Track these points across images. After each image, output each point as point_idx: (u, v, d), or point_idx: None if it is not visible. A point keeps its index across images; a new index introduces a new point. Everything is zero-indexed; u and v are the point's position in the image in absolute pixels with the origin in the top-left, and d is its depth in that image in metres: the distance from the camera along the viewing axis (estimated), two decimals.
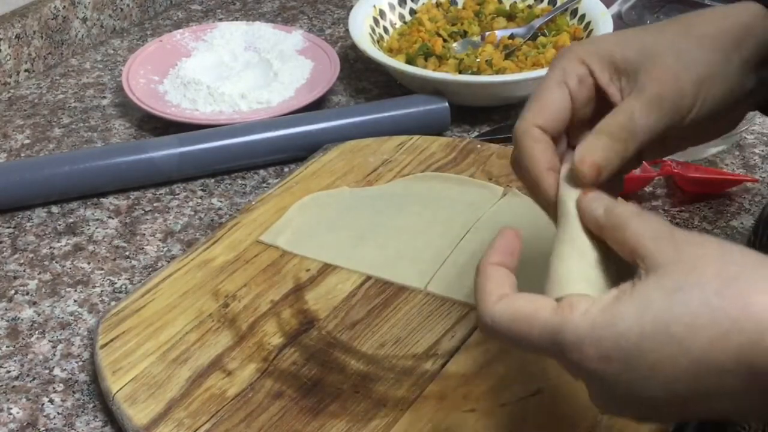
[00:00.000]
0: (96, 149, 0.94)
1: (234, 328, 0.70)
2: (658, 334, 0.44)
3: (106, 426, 0.67)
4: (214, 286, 0.75)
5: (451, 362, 0.67)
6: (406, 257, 0.76)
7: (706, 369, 0.44)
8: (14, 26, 1.04)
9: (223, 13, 1.22)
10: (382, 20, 1.06)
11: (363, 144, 0.91)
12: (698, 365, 0.44)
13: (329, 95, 1.03)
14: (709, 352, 0.44)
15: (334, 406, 0.64)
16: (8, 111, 1.03)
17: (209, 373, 0.67)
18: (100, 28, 1.14)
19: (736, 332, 0.43)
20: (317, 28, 1.17)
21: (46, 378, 0.70)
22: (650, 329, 0.44)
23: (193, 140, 0.90)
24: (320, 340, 0.69)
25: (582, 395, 0.63)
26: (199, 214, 0.87)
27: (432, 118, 0.94)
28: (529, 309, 0.48)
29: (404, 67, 0.96)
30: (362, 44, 1.00)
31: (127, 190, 0.90)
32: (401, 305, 0.72)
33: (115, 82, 1.07)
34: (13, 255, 0.82)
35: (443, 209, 0.81)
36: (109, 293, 0.78)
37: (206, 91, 0.99)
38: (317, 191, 0.84)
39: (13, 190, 0.87)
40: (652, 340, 0.44)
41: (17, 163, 0.92)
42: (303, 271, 0.76)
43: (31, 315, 0.76)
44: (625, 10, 1.27)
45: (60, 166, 0.88)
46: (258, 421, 0.63)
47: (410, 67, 0.96)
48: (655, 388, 0.45)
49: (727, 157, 0.91)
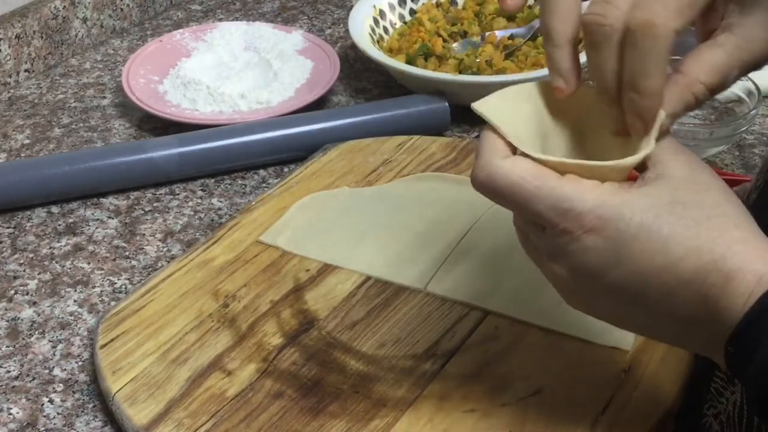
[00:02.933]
0: (96, 149, 0.94)
1: (234, 328, 0.70)
2: (653, 231, 0.48)
3: (106, 426, 0.67)
4: (214, 286, 0.75)
5: (451, 362, 0.67)
6: (406, 257, 0.76)
7: (673, 274, 0.48)
8: (14, 26, 1.04)
9: (223, 13, 1.22)
10: (382, 20, 1.06)
11: (363, 144, 0.91)
12: (668, 269, 0.48)
13: (329, 95, 1.03)
14: (681, 261, 0.48)
15: (334, 406, 0.64)
16: (8, 111, 1.03)
17: (209, 373, 0.67)
18: (100, 28, 1.14)
19: (711, 262, 0.47)
20: (317, 28, 1.17)
21: (45, 378, 0.70)
22: (648, 224, 0.48)
23: (193, 140, 0.90)
24: (320, 340, 0.69)
25: (582, 395, 0.63)
26: (199, 214, 0.87)
27: (432, 118, 0.94)
28: (540, 171, 0.50)
29: (404, 67, 0.96)
30: (362, 44, 1.00)
31: (127, 190, 0.90)
32: (401, 305, 0.72)
33: (115, 82, 1.07)
34: (13, 255, 0.82)
35: (443, 209, 0.81)
36: (109, 293, 0.78)
37: (206, 91, 0.99)
38: (317, 191, 0.84)
39: (13, 190, 0.87)
40: (647, 232, 0.48)
41: (17, 163, 0.92)
42: (303, 271, 0.76)
43: (31, 315, 0.76)
44: None
45: (60, 166, 0.88)
46: (258, 421, 0.63)
47: (410, 67, 0.96)
48: (626, 274, 0.49)
49: (727, 157, 0.91)
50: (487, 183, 0.51)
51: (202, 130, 0.92)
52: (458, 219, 0.79)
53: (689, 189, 0.49)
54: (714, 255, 0.47)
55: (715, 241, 0.48)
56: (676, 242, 0.48)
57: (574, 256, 0.50)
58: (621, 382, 0.64)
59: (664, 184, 0.49)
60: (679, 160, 0.50)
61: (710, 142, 0.89)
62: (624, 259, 0.48)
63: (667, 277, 0.48)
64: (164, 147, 0.90)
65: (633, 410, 0.62)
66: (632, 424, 0.61)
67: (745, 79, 0.93)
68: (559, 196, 0.49)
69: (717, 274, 0.47)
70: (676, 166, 0.50)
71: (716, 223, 0.48)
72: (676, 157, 0.50)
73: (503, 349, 0.68)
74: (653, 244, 0.48)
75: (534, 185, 0.50)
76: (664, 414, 0.62)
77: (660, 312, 0.50)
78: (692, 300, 0.48)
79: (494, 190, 0.51)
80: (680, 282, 0.48)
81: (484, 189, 0.52)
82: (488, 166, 0.51)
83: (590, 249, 0.49)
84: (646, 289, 0.49)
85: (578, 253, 0.50)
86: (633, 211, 0.48)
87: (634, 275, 0.49)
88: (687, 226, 0.48)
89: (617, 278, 0.49)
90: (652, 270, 0.48)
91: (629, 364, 0.66)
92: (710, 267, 0.47)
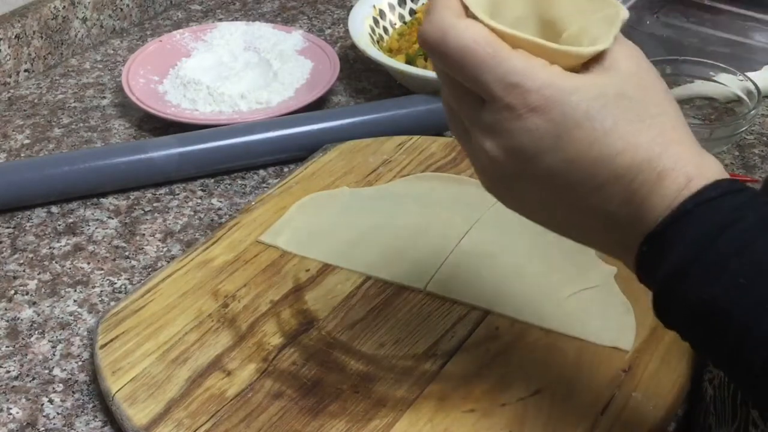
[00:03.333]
0: (95, 149, 0.93)
1: (234, 329, 0.70)
2: (597, 120, 0.47)
3: (106, 426, 0.66)
4: (213, 286, 0.75)
5: (451, 362, 0.67)
6: (406, 257, 0.76)
7: (607, 166, 0.47)
8: (14, 26, 1.04)
9: (223, 13, 1.22)
10: (382, 20, 1.06)
11: (363, 144, 0.91)
12: (604, 160, 0.47)
13: (329, 95, 1.03)
14: (618, 155, 0.47)
15: (333, 406, 0.64)
16: (8, 111, 1.03)
17: (209, 373, 0.67)
18: (100, 28, 1.14)
19: (647, 160, 0.47)
20: (317, 28, 1.17)
21: (45, 378, 0.70)
22: (593, 113, 0.47)
23: (193, 140, 0.90)
24: (320, 340, 0.69)
25: (582, 395, 0.63)
26: (199, 214, 0.87)
27: (432, 118, 0.94)
28: (494, 39, 0.48)
29: (404, 67, 0.96)
30: (362, 44, 1.00)
31: (127, 190, 0.90)
32: (401, 305, 0.72)
33: (115, 82, 1.07)
34: (13, 255, 0.82)
35: (443, 209, 0.81)
36: (109, 293, 0.78)
37: (206, 91, 0.99)
38: (317, 191, 0.84)
39: (12, 191, 0.87)
40: (590, 121, 0.47)
41: (16, 163, 0.92)
42: (303, 271, 0.76)
43: (31, 315, 0.76)
44: None
45: (59, 166, 0.88)
46: (258, 421, 0.63)
47: (410, 67, 0.96)
48: (560, 160, 0.48)
49: (727, 157, 0.91)
50: (438, 42, 0.49)
51: (202, 131, 0.92)
52: (458, 219, 0.79)
53: (636, 84, 0.49)
54: (651, 153, 0.47)
55: (654, 139, 0.47)
56: (618, 136, 0.47)
57: (512, 135, 0.48)
58: (621, 382, 0.64)
59: (613, 77, 0.49)
60: (627, 54, 0.50)
61: (710, 142, 0.89)
62: (562, 144, 0.48)
63: (600, 169, 0.47)
64: (164, 147, 0.89)
65: (633, 410, 0.62)
66: (632, 424, 0.61)
67: (745, 79, 0.93)
68: (509, 68, 0.48)
69: (650, 173, 0.47)
70: (623, 61, 0.49)
71: (657, 122, 0.48)
72: (623, 51, 0.50)
73: (503, 349, 0.68)
74: (595, 134, 0.47)
75: (486, 51, 0.48)
76: (665, 414, 0.62)
77: (583, 206, 0.49)
78: (620, 195, 0.48)
79: (443, 52, 0.49)
80: (612, 175, 0.47)
81: (432, 48, 0.49)
82: (441, 24, 0.49)
83: (531, 130, 0.48)
84: (576, 178, 0.48)
85: (517, 132, 0.48)
86: (580, 97, 0.47)
87: (569, 163, 0.48)
88: (630, 121, 0.47)
89: (551, 163, 0.48)
90: (588, 159, 0.47)
91: (629, 364, 0.66)
92: (644, 165, 0.47)
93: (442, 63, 0.50)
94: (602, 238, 0.51)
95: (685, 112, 0.97)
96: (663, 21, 1.23)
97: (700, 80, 0.98)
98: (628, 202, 0.48)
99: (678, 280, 0.46)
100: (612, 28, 0.49)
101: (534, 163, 0.49)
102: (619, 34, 0.50)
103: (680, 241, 0.46)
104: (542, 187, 0.50)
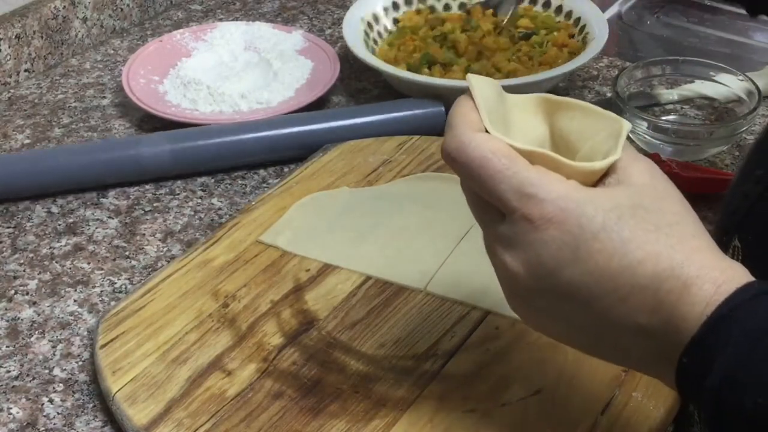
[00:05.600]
0: (90, 144, 0.94)
1: (234, 329, 0.70)
2: (614, 232, 0.47)
3: (106, 426, 0.67)
4: (214, 286, 0.75)
5: (451, 362, 0.67)
6: (406, 257, 0.76)
7: (630, 277, 0.47)
8: (14, 26, 1.04)
9: (223, 13, 1.22)
10: (376, 25, 1.06)
11: (363, 144, 0.91)
12: (625, 272, 0.47)
13: (329, 95, 1.03)
14: (639, 264, 0.47)
15: (334, 406, 0.64)
16: (8, 111, 1.03)
17: (209, 373, 0.67)
18: (100, 28, 1.15)
19: (669, 268, 0.47)
20: (317, 28, 1.17)
21: (45, 378, 0.70)
22: (610, 224, 0.48)
23: (192, 138, 0.90)
24: (320, 340, 0.69)
25: (582, 395, 0.63)
26: (199, 214, 0.87)
27: (431, 119, 0.94)
28: (512, 152, 0.50)
29: (400, 73, 0.96)
30: (356, 49, 0.99)
31: (127, 189, 0.90)
32: (401, 305, 0.72)
33: (115, 82, 1.07)
34: (13, 255, 0.82)
35: (443, 209, 0.81)
36: (109, 293, 0.78)
37: (206, 91, 1.00)
38: (317, 191, 0.84)
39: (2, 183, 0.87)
40: (608, 232, 0.47)
41: (5, 156, 0.92)
42: (303, 271, 0.76)
43: (31, 315, 0.76)
44: (625, 11, 1.27)
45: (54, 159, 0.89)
46: (258, 421, 0.63)
47: (404, 72, 0.96)
48: (581, 273, 0.48)
49: (727, 157, 0.91)
50: (458, 152, 0.50)
51: (202, 127, 0.92)
52: (458, 219, 0.79)
53: (650, 195, 0.49)
54: (672, 261, 0.47)
55: (674, 247, 0.47)
56: (636, 245, 0.47)
57: (530, 248, 0.49)
58: (621, 382, 0.64)
59: (627, 189, 0.49)
60: (640, 167, 0.50)
61: (710, 142, 0.89)
62: (581, 257, 0.48)
63: (623, 281, 0.47)
64: (163, 145, 0.90)
65: (633, 410, 0.62)
66: (632, 424, 0.61)
67: (746, 79, 0.93)
68: (525, 179, 0.49)
69: (675, 281, 0.47)
70: (637, 173, 0.50)
71: (676, 230, 0.48)
72: (636, 164, 0.50)
73: (503, 349, 0.68)
74: (613, 244, 0.47)
75: (503, 163, 0.49)
76: (665, 414, 0.62)
77: (610, 319, 0.48)
78: (647, 306, 0.47)
79: (463, 162, 0.50)
80: (636, 286, 0.47)
81: (453, 159, 0.51)
82: (461, 137, 0.50)
83: (548, 242, 0.48)
84: (599, 291, 0.48)
85: (535, 245, 0.49)
86: (596, 209, 0.48)
87: (590, 275, 0.48)
88: (647, 230, 0.48)
89: (571, 277, 0.48)
90: (609, 271, 0.47)
91: None
92: (668, 273, 0.47)
93: (463, 174, 0.51)
94: (635, 352, 0.50)
95: (685, 112, 0.98)
96: (663, 21, 1.23)
97: (700, 80, 0.98)
98: (655, 312, 0.47)
99: (729, 388, 0.45)
100: (619, 140, 0.51)
101: (555, 276, 0.49)
102: (634, 150, 0.51)
103: (724, 348, 0.45)
104: (566, 303, 0.49)
